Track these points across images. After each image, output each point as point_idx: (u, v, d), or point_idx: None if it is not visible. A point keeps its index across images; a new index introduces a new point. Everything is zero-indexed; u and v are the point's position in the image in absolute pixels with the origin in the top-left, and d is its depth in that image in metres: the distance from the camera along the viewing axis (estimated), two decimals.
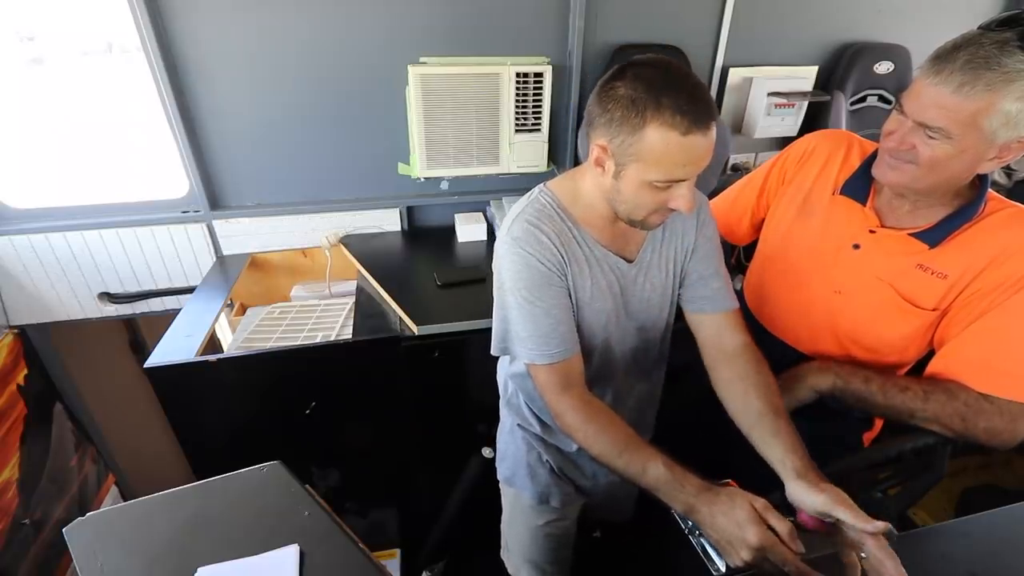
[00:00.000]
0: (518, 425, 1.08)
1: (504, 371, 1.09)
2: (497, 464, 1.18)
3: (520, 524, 1.17)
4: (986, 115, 0.72)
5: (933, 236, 0.86)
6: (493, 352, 0.95)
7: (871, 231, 0.92)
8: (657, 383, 1.07)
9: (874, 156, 0.91)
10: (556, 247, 0.84)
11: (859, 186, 0.94)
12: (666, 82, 0.71)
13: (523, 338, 0.86)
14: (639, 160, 0.75)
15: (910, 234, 0.88)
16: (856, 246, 0.94)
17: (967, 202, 0.86)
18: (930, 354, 0.92)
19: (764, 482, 0.79)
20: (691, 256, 0.95)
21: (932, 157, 0.78)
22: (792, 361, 0.99)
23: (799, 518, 0.75)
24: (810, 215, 1.00)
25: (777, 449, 0.78)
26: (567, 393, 0.85)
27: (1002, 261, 0.82)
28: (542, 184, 0.92)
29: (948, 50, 0.74)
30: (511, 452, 1.12)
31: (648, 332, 0.98)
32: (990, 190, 0.87)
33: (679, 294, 0.98)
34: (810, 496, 0.72)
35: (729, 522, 0.69)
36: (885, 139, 0.84)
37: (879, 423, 1.07)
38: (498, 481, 1.20)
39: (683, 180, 0.77)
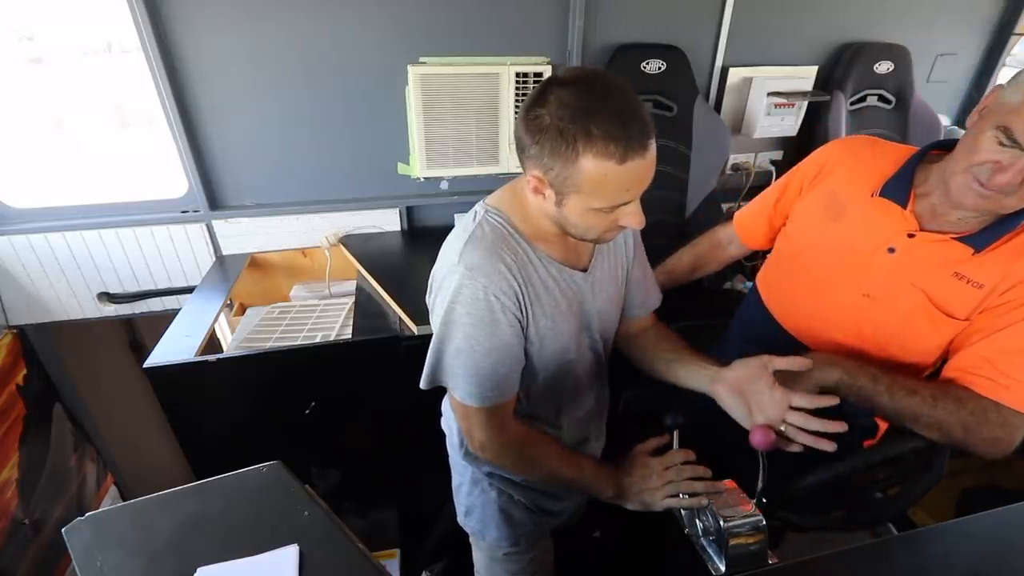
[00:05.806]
0: (487, 474, 1.02)
1: (456, 421, 1.01)
2: (462, 519, 1.11)
3: (502, 574, 1.12)
4: None
5: (980, 240, 0.82)
6: (423, 386, 0.89)
7: (909, 235, 0.88)
8: (606, 388, 1.06)
9: (917, 158, 0.89)
10: (513, 275, 0.78)
11: (900, 188, 0.89)
12: (592, 104, 0.65)
13: (458, 375, 0.81)
14: (579, 191, 0.70)
15: (954, 238, 0.84)
16: (891, 250, 0.89)
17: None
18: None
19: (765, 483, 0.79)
20: (632, 261, 0.95)
21: None
22: None
23: (752, 441, 0.79)
24: (838, 218, 0.96)
25: (695, 374, 0.90)
26: (506, 433, 0.86)
27: None
28: (483, 202, 0.85)
29: None
30: (479, 504, 1.06)
31: (603, 344, 0.96)
32: None
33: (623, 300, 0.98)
34: (737, 370, 0.84)
35: (637, 470, 0.89)
36: (995, 175, 0.75)
37: (883, 427, 1.06)
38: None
39: (629, 202, 0.73)
